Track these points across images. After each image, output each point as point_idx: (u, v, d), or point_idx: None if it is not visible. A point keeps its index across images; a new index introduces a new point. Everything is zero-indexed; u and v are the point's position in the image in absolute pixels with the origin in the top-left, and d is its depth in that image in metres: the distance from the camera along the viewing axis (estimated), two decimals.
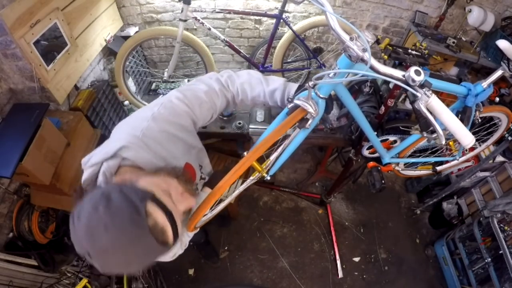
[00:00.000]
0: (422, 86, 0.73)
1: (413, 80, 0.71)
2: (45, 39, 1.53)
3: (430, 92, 0.72)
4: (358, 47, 0.76)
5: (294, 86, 1.04)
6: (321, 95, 0.90)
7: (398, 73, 0.75)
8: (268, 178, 1.09)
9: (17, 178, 1.45)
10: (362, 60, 0.76)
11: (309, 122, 0.90)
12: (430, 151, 1.68)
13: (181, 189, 0.70)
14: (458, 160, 1.60)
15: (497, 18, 2.28)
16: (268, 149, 0.86)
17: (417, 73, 0.71)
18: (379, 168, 1.61)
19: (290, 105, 0.91)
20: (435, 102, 0.73)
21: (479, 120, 1.26)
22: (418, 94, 0.72)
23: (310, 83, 0.83)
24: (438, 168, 1.70)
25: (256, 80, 1.02)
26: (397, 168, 1.68)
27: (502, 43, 1.15)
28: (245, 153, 1.04)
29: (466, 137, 0.72)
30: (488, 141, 1.63)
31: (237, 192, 1.26)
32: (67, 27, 1.67)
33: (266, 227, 2.50)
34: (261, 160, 1.02)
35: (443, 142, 0.81)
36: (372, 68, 0.76)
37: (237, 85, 1.00)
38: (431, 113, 0.74)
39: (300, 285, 2.25)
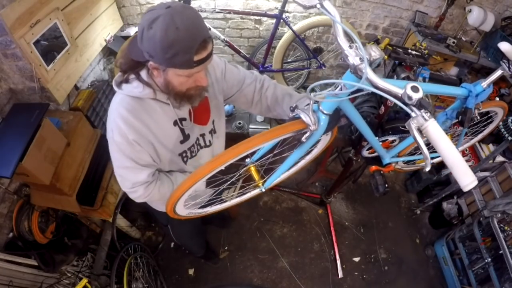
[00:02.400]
0: (420, 106, 0.64)
1: (410, 98, 0.63)
2: (45, 39, 1.53)
3: (429, 115, 0.63)
4: (356, 56, 0.72)
5: (306, 100, 1.09)
6: (324, 111, 0.86)
7: (395, 89, 0.67)
8: (263, 190, 1.09)
9: (17, 178, 1.45)
10: (359, 71, 0.72)
11: (306, 135, 0.87)
12: (428, 146, 1.68)
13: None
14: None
15: (497, 18, 2.29)
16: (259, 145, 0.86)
17: (414, 89, 0.63)
18: (382, 171, 1.61)
19: (291, 115, 0.89)
20: (433, 128, 0.63)
21: (478, 118, 1.26)
22: (413, 114, 0.64)
23: (311, 95, 0.80)
24: (436, 160, 1.70)
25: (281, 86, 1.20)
26: (397, 166, 1.68)
27: (504, 46, 1.14)
28: (246, 160, 1.06)
29: (466, 176, 0.60)
30: (484, 131, 1.64)
31: (236, 200, 1.27)
32: (67, 27, 1.67)
33: (266, 227, 2.50)
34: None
35: (427, 169, 0.72)
36: (369, 81, 0.70)
37: (268, 82, 1.17)
38: (424, 136, 0.66)
39: (300, 285, 2.25)
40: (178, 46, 0.74)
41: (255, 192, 1.22)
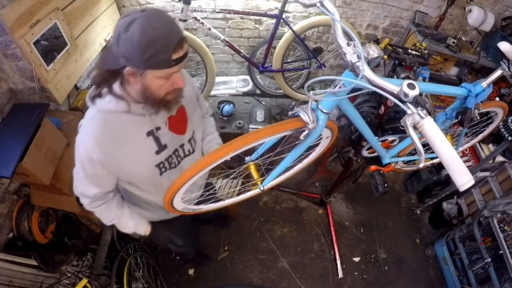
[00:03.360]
0: (416, 103, 0.63)
1: (406, 95, 0.63)
2: (45, 39, 1.53)
3: (425, 112, 0.63)
4: (354, 53, 0.73)
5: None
6: (324, 110, 0.86)
7: (392, 86, 0.67)
8: (261, 189, 1.09)
9: (17, 178, 1.45)
10: (356, 69, 0.72)
11: (304, 133, 0.87)
12: (428, 146, 1.68)
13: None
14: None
15: (497, 18, 2.29)
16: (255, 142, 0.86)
17: (411, 86, 0.63)
18: (381, 171, 1.61)
19: (290, 113, 0.89)
20: (429, 126, 0.62)
21: (478, 118, 1.26)
22: (409, 111, 0.64)
23: (311, 93, 0.81)
24: (436, 160, 1.70)
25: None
26: (397, 166, 1.69)
27: (503, 45, 1.15)
28: (246, 158, 1.06)
29: (463, 176, 0.59)
30: (484, 132, 1.64)
31: (234, 199, 1.27)
32: (67, 27, 1.67)
33: (266, 227, 2.50)
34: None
35: (421, 165, 0.73)
36: (365, 78, 0.70)
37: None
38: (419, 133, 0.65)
39: (300, 285, 2.25)
40: (157, 45, 0.75)
41: (253, 192, 1.22)
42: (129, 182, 1.06)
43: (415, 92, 0.62)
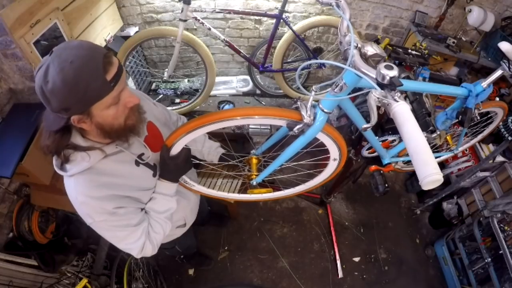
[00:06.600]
0: (391, 85, 0.62)
1: (383, 77, 0.61)
2: (45, 39, 1.53)
3: (399, 95, 0.63)
4: (348, 41, 0.78)
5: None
6: (324, 109, 0.86)
7: (372, 70, 0.66)
8: (254, 183, 1.11)
9: (17, 178, 1.46)
10: (347, 54, 0.75)
11: (297, 126, 0.86)
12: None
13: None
14: (455, 153, 1.64)
15: (497, 18, 2.28)
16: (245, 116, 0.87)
17: (388, 67, 0.61)
18: (382, 171, 1.61)
19: (293, 106, 0.89)
20: (400, 110, 0.62)
21: (478, 118, 1.26)
22: (385, 94, 0.64)
23: (313, 90, 0.82)
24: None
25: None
26: (397, 166, 1.69)
27: (504, 45, 1.15)
28: (251, 151, 1.07)
29: (427, 166, 0.55)
30: (484, 132, 1.65)
31: (232, 195, 1.28)
32: (67, 27, 1.66)
33: (266, 227, 2.50)
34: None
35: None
36: (353, 62, 0.71)
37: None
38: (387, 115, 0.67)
39: (300, 285, 2.25)
40: (84, 77, 0.67)
41: (246, 196, 1.23)
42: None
43: (393, 72, 0.61)
